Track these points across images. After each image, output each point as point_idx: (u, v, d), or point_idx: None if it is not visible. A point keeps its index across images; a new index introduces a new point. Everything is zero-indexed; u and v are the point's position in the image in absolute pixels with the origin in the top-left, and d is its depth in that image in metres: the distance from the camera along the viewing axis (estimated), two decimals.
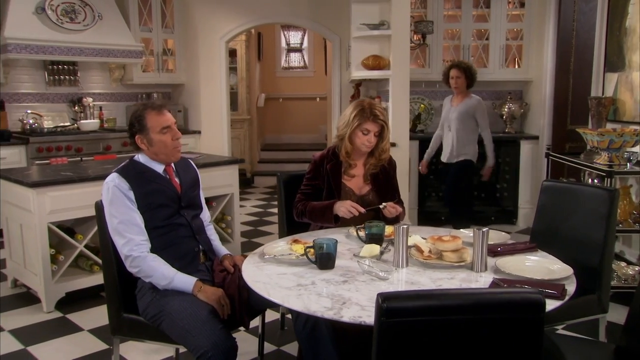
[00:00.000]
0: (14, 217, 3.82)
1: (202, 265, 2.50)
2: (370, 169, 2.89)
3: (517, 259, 2.19)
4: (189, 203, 2.53)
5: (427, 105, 6.16)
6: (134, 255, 2.29)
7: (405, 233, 2.13)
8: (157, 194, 2.39)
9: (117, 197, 2.31)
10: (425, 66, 6.01)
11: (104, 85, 6.54)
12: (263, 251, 2.34)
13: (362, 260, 2.11)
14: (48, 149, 5.47)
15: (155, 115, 2.38)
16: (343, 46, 6.37)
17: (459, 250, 2.17)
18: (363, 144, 2.79)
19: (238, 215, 4.73)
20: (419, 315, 1.30)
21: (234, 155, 8.00)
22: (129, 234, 2.30)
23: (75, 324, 3.43)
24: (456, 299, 1.32)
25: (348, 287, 1.95)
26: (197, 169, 4.18)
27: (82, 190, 3.63)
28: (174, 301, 2.24)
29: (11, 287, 4.03)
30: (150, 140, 2.38)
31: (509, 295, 1.36)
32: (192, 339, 2.12)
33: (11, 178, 3.68)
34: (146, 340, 2.40)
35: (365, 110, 2.76)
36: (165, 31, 6.65)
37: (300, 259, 2.21)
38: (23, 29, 5.37)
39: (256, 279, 2.05)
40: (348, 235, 2.59)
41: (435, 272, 2.09)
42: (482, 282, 1.99)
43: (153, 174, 2.43)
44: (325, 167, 2.89)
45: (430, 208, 5.86)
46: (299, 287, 1.96)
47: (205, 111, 6.75)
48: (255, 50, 8.99)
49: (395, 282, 2.00)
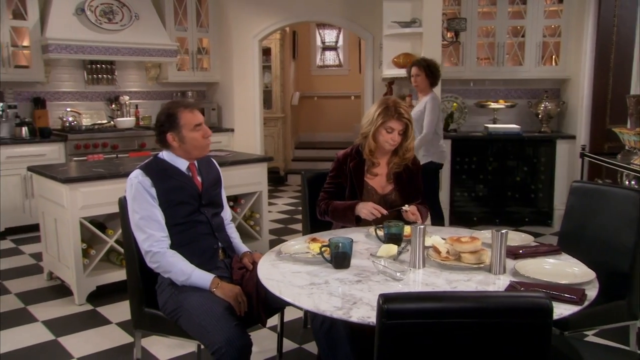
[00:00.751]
0: (49, 212, 3.93)
1: (221, 263, 2.52)
2: (393, 167, 2.85)
3: (537, 262, 2.12)
4: (210, 201, 2.55)
5: (460, 104, 6.06)
6: (154, 251, 2.32)
7: (422, 233, 2.09)
8: (178, 191, 2.43)
9: (139, 193, 2.35)
10: (458, 64, 5.91)
11: (140, 83, 6.68)
12: (280, 249, 2.34)
13: (378, 260, 2.09)
14: (85, 145, 5.62)
15: (188, 114, 2.42)
16: (376, 44, 6.33)
17: (478, 251, 2.12)
18: (387, 142, 2.76)
19: (266, 212, 4.75)
20: (421, 317, 1.27)
21: (267, 153, 8.06)
22: (149, 229, 2.33)
23: (104, 317, 3.52)
24: (459, 302, 1.29)
25: (361, 287, 1.93)
26: (227, 166, 4.29)
27: (113, 186, 3.70)
28: (192, 297, 2.27)
29: (47, 279, 4.16)
30: (182, 138, 2.42)
31: (515, 299, 1.32)
32: (207, 334, 2.14)
33: (46, 174, 3.79)
34: (165, 334, 2.44)
35: (390, 108, 2.73)
36: (200, 30, 6.75)
37: (316, 258, 2.20)
38: (63, 29, 5.54)
39: (270, 277, 2.05)
40: (368, 235, 2.56)
41: (452, 273, 2.04)
42: (499, 284, 1.94)
43: (176, 172, 2.46)
44: (348, 166, 2.87)
45: (463, 208, 5.76)
46: (312, 285, 1.95)
47: (239, 109, 6.82)
48: (290, 48, 9.02)
49: (410, 283, 1.97)
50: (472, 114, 6.10)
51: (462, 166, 5.69)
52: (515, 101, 6.01)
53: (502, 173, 5.69)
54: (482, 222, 5.63)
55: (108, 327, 3.38)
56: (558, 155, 5.61)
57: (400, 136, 2.77)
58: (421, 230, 2.09)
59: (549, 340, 1.28)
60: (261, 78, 6.86)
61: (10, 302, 3.78)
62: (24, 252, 4.86)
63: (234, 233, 2.71)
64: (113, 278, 3.83)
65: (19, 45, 5.54)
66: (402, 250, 2.29)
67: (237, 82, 6.77)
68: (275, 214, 6.32)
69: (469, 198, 5.77)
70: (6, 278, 4.22)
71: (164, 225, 2.37)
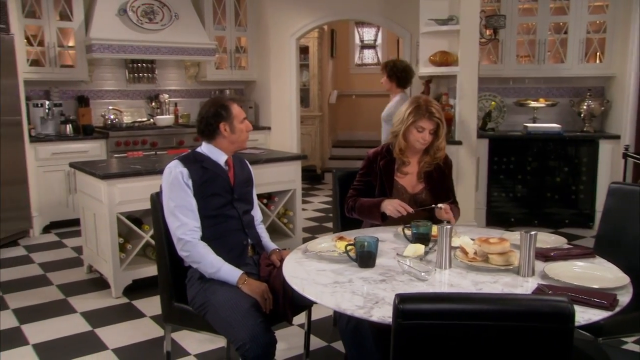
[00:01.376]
0: (89, 207, 4.05)
1: (250, 259, 2.55)
2: (424, 167, 2.82)
3: (568, 265, 2.06)
4: (241, 197, 2.58)
5: (499, 103, 5.94)
6: (186, 240, 2.36)
7: (448, 233, 2.06)
8: (212, 183, 2.47)
9: (177, 182, 2.40)
10: (497, 62, 5.79)
11: (180, 82, 6.80)
12: (306, 247, 2.34)
13: (403, 260, 2.07)
14: (126, 143, 5.76)
15: (237, 107, 2.54)
16: (413, 42, 6.26)
17: (506, 253, 2.07)
18: (417, 142, 2.74)
19: (300, 210, 4.77)
20: (437, 318, 1.25)
21: (304, 151, 8.09)
22: (183, 217, 2.37)
23: (138, 310, 3.60)
24: (477, 304, 1.26)
25: (385, 286, 1.91)
26: (261, 164, 4.32)
27: (149, 182, 3.77)
28: (219, 293, 2.30)
29: (86, 272, 4.29)
30: (233, 128, 2.50)
31: (535, 303, 1.28)
32: (232, 330, 2.16)
33: (85, 170, 3.91)
34: (194, 329, 2.48)
35: (421, 107, 2.70)
36: (239, 29, 6.82)
37: (342, 256, 2.20)
38: (106, 30, 5.69)
39: (294, 275, 2.06)
40: (396, 235, 2.54)
41: (479, 275, 2.01)
42: (526, 287, 1.89)
43: (212, 164, 2.51)
44: (378, 164, 2.86)
45: (500, 208, 5.65)
46: (335, 284, 1.95)
47: (275, 107, 6.86)
48: (328, 47, 9.02)
49: (435, 284, 1.94)
50: (511, 113, 5.97)
51: (499, 166, 5.57)
52: (556, 100, 5.85)
53: (541, 173, 5.55)
54: (519, 223, 5.50)
55: (142, 320, 3.46)
56: (601, 156, 5.43)
57: (431, 135, 2.74)
58: (448, 230, 2.06)
59: (570, 346, 1.24)
60: (298, 76, 6.88)
61: (52, 293, 3.91)
62: (66, 246, 5.02)
63: (264, 233, 2.73)
64: (148, 272, 3.91)
65: (64, 45, 5.72)
66: (430, 250, 2.26)
67: (274, 81, 6.82)
68: (310, 212, 6.33)
69: (507, 198, 5.65)
70: (49, 270, 4.37)
71: (197, 215, 2.41)
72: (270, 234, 4.52)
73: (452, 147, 4.97)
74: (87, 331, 3.31)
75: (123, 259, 3.86)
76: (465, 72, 4.93)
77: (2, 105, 4.92)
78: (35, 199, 5.30)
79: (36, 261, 4.59)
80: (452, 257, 2.11)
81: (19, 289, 3.97)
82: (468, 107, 5.00)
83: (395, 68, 4.56)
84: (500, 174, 5.59)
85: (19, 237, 5.18)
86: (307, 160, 8.38)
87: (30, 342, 3.16)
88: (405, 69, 4.57)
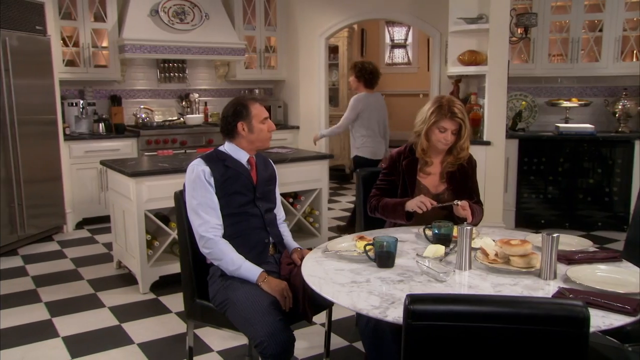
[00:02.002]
0: (118, 204, 4.14)
1: (271, 258, 2.56)
2: (447, 167, 2.79)
3: (593, 269, 2.01)
4: (264, 195, 2.60)
5: (530, 103, 5.83)
6: (208, 237, 2.39)
7: (468, 234, 2.04)
8: (235, 181, 2.49)
9: (199, 180, 2.43)
10: (528, 61, 5.69)
11: (210, 81, 6.88)
12: (326, 246, 2.34)
13: (422, 261, 2.05)
14: (156, 141, 5.86)
15: (258, 107, 2.55)
16: (443, 42, 6.20)
17: (528, 255, 2.03)
18: (439, 142, 2.71)
19: (326, 210, 4.77)
20: (448, 320, 1.24)
21: (333, 151, 8.10)
22: (206, 215, 2.40)
23: (164, 306, 3.66)
24: (489, 306, 1.24)
25: (402, 286, 1.90)
26: (287, 163, 4.34)
27: (177, 180, 3.81)
28: (239, 290, 2.32)
29: (116, 268, 4.38)
30: (251, 128, 2.51)
31: (548, 306, 1.25)
32: (251, 327, 2.18)
33: (115, 167, 3.99)
34: (215, 326, 2.51)
35: (444, 107, 2.67)
36: (268, 29, 6.87)
37: (362, 256, 2.20)
38: (138, 30, 5.80)
39: (312, 273, 2.06)
40: (418, 235, 2.52)
41: (499, 277, 1.98)
42: (547, 290, 1.86)
43: (234, 163, 2.53)
44: (401, 164, 2.84)
45: (530, 210, 5.54)
46: (353, 284, 1.95)
47: (304, 107, 6.88)
48: (358, 46, 9.00)
49: (453, 285, 1.92)
50: (543, 113, 5.86)
51: (530, 167, 5.47)
52: (589, 99, 5.72)
53: (573, 175, 5.43)
54: (550, 225, 5.40)
55: (167, 316, 3.52)
56: (637, 157, 5.28)
57: (454, 136, 2.70)
58: (468, 231, 2.04)
59: (585, 352, 1.21)
60: (327, 76, 6.89)
61: (82, 287, 4.01)
62: (97, 242, 5.14)
63: (286, 231, 2.74)
64: (175, 269, 3.96)
65: (98, 46, 5.85)
66: (450, 251, 2.24)
67: (303, 80, 6.84)
68: (337, 211, 6.33)
69: (537, 200, 5.54)
70: (80, 265, 4.48)
71: (219, 213, 2.44)
72: (296, 233, 4.64)
73: (481, 148, 4.91)
74: (114, 325, 3.38)
75: (150, 255, 3.93)
76: (494, 72, 4.85)
77: (38, 105, 5.07)
78: (69, 195, 5.45)
79: (69, 256, 4.71)
80: (472, 259, 2.08)
81: (52, 282, 4.09)
82: (497, 107, 4.92)
83: (363, 70, 4.83)
84: (531, 175, 5.49)
85: (53, 232, 5.33)
86: (336, 160, 8.39)
87: (60, 335, 3.25)
88: (373, 71, 4.86)
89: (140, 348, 3.09)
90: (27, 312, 3.57)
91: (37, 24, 5.02)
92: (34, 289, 3.97)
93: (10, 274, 4.27)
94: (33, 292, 3.90)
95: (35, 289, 3.97)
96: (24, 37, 4.86)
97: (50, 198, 5.22)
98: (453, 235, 2.33)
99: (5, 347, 3.09)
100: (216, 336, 3.17)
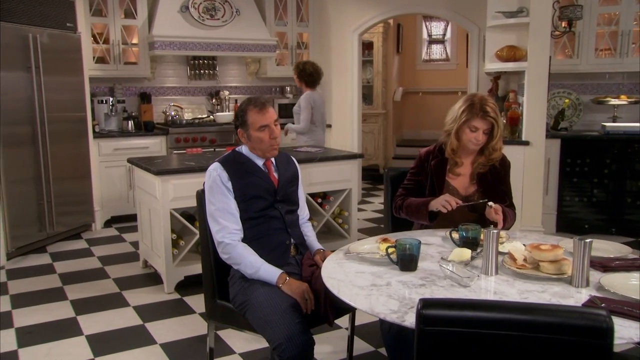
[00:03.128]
0: (145, 202, 4.23)
1: (292, 259, 2.58)
2: (478, 168, 2.76)
3: (628, 277, 1.95)
4: (285, 198, 2.61)
5: (574, 100, 5.69)
6: (226, 242, 2.43)
7: (494, 238, 2.01)
8: (254, 186, 2.51)
9: (216, 186, 2.47)
10: (573, 56, 5.55)
11: (241, 78, 6.96)
12: (348, 248, 2.34)
13: (445, 264, 2.03)
14: (185, 139, 5.96)
15: (255, 114, 2.49)
16: (481, 37, 6.12)
17: (559, 261, 1.99)
18: (470, 142, 2.68)
19: (356, 211, 4.77)
20: (462, 326, 1.22)
21: (367, 150, 8.09)
22: (224, 221, 2.44)
23: (189, 306, 3.72)
24: (505, 312, 1.22)
25: (423, 291, 1.89)
26: (315, 163, 4.36)
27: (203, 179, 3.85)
28: (259, 291, 2.34)
29: (142, 267, 4.48)
30: (249, 136, 2.52)
31: (568, 314, 1.22)
32: (270, 330, 2.20)
33: (142, 165, 4.08)
34: (235, 327, 2.54)
35: (475, 106, 2.64)
36: (300, 24, 6.89)
37: (384, 259, 2.19)
38: (169, 27, 5.91)
39: (332, 276, 2.07)
40: (444, 238, 2.50)
41: (527, 283, 1.94)
42: (577, 298, 1.81)
43: (253, 166, 2.55)
44: (429, 163, 2.82)
45: (573, 214, 5.41)
46: (372, 287, 1.94)
47: (336, 105, 6.89)
48: (393, 42, 8.95)
49: (477, 290, 1.89)
50: (588, 112, 5.71)
51: (573, 168, 5.34)
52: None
53: (621, 177, 5.26)
54: (594, 230, 5.26)
55: (191, 316, 3.58)
56: None
57: (485, 135, 2.67)
58: (494, 234, 2.01)
59: None
60: (360, 73, 6.88)
61: (108, 286, 4.11)
62: (125, 240, 5.27)
63: (310, 232, 2.75)
64: (200, 269, 3.99)
65: (128, 43, 5.99)
66: (477, 255, 2.21)
67: (336, 77, 6.84)
68: (369, 212, 6.32)
69: (581, 203, 5.40)
70: (107, 263, 4.60)
71: (238, 218, 2.47)
72: (324, 234, 4.65)
73: (519, 148, 4.82)
74: (138, 325, 3.46)
75: (176, 255, 4.00)
76: (534, 68, 4.76)
77: (68, 102, 5.22)
78: (97, 193, 5.60)
79: (96, 254, 4.84)
80: (499, 264, 2.05)
81: (78, 280, 4.21)
82: (537, 105, 4.82)
83: (303, 71, 5.26)
84: (574, 177, 5.36)
85: (82, 230, 5.49)
86: (370, 160, 8.36)
87: (84, 333, 3.34)
88: (312, 72, 5.27)
89: (162, 348, 3.15)
90: (52, 309, 3.69)
91: (68, 21, 5.18)
92: (60, 286, 4.10)
93: (38, 271, 4.42)
94: (59, 290, 4.03)
95: (61, 286, 4.10)
96: (55, 34, 5.02)
97: (79, 196, 5.37)
98: (481, 238, 2.30)
99: (31, 344, 3.19)
100: (239, 338, 3.20)
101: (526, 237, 2.54)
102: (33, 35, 4.76)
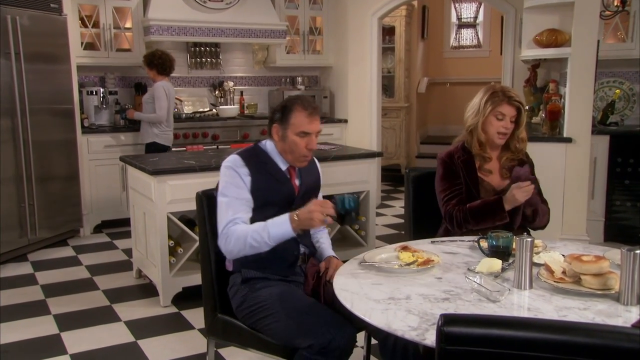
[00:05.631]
0: (139, 205, 4.27)
1: (299, 268, 2.59)
2: (506, 162, 2.90)
3: None
4: (301, 206, 2.60)
5: (627, 91, 5.64)
6: (226, 230, 2.42)
7: (528, 247, 2.00)
8: (272, 192, 2.52)
9: (235, 180, 2.47)
10: (626, 40, 5.48)
11: (246, 68, 6.99)
12: (363, 257, 2.35)
13: (472, 276, 2.03)
14: (185, 135, 6.00)
15: (303, 116, 2.47)
16: (518, 19, 6.08)
17: (604, 274, 1.97)
18: (498, 132, 2.81)
19: (374, 216, 4.77)
20: (487, 345, 1.21)
21: (387, 148, 8.08)
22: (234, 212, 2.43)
23: (187, 321, 3.75)
24: (537, 331, 1.20)
25: (447, 305, 1.88)
26: (329, 162, 4.36)
27: (204, 180, 3.89)
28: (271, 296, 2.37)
29: (135, 277, 4.52)
30: (285, 136, 2.49)
31: (610, 335, 1.20)
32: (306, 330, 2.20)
33: (135, 164, 4.11)
34: (238, 344, 2.56)
35: (497, 93, 2.83)
36: (313, 8, 6.91)
37: (403, 269, 2.19)
38: (166, 9, 5.96)
39: (345, 288, 2.07)
40: (472, 247, 2.50)
41: (566, 299, 1.93)
42: (626, 318, 1.79)
43: (274, 169, 2.55)
44: (457, 163, 2.88)
45: (624, 221, 5.36)
46: (390, 300, 1.94)
47: (353, 97, 6.89)
48: (418, 27, 8.93)
49: (508, 306, 1.89)
50: None
51: (624, 168, 5.29)
52: None
53: None
54: None
55: (189, 332, 3.60)
56: None
57: (512, 123, 2.81)
58: (528, 243, 2.00)
59: None
60: (380, 62, 6.87)
61: (97, 298, 4.15)
62: (117, 247, 5.32)
63: (323, 238, 2.77)
64: (200, 280, 4.03)
65: (121, 27, 6.03)
66: (508, 267, 2.20)
67: (353, 67, 6.84)
68: (389, 217, 6.32)
69: (634, 209, 5.34)
70: (96, 273, 4.64)
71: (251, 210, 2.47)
72: (339, 242, 4.66)
73: (560, 145, 4.78)
74: (130, 342, 3.48)
75: (173, 263, 4.02)
76: (579, 54, 4.71)
77: (53, 93, 5.27)
78: (86, 195, 5.65)
79: (84, 263, 4.89)
80: (534, 276, 2.04)
81: (63, 292, 4.26)
82: (581, 96, 4.77)
83: (153, 57, 5.40)
84: (626, 179, 5.31)
85: (68, 236, 5.54)
86: (390, 159, 8.35)
87: (68, 352, 3.37)
88: (162, 56, 5.42)
89: None
90: (33, 325, 3.72)
91: (52, 2, 5.21)
92: (42, 299, 4.14)
93: (17, 282, 4.47)
94: (41, 303, 4.07)
95: (44, 299, 4.14)
96: (37, 15, 5.06)
97: (66, 198, 5.42)
98: (513, 247, 2.29)
99: None
100: (242, 356, 3.22)
101: (566, 246, 2.52)
102: (12, 17, 4.80)
